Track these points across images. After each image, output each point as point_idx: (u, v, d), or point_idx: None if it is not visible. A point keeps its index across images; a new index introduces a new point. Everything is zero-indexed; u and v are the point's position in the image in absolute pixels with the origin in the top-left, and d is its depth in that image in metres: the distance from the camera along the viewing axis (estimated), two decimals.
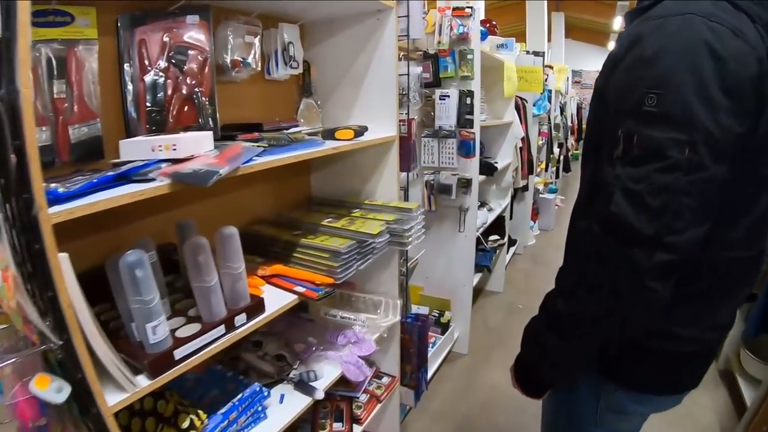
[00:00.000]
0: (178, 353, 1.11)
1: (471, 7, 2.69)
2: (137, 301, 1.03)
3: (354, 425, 2.07)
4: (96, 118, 1.24)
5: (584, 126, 11.51)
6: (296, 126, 1.66)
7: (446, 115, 2.78)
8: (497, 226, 3.97)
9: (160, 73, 1.36)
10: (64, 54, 1.15)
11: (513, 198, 4.37)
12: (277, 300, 1.46)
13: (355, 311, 2.01)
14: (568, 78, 7.60)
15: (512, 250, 4.78)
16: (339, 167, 2.09)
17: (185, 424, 1.28)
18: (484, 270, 3.74)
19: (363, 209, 1.91)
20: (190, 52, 1.38)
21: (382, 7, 1.78)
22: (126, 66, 1.34)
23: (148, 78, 1.35)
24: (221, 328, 1.24)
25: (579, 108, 10.56)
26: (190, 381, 1.60)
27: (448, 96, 2.77)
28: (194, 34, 1.40)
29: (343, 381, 1.80)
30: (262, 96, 1.88)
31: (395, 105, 1.87)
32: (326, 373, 1.76)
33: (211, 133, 1.24)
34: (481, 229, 3.50)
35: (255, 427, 1.52)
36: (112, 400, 0.98)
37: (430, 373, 3.02)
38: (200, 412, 1.34)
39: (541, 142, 5.34)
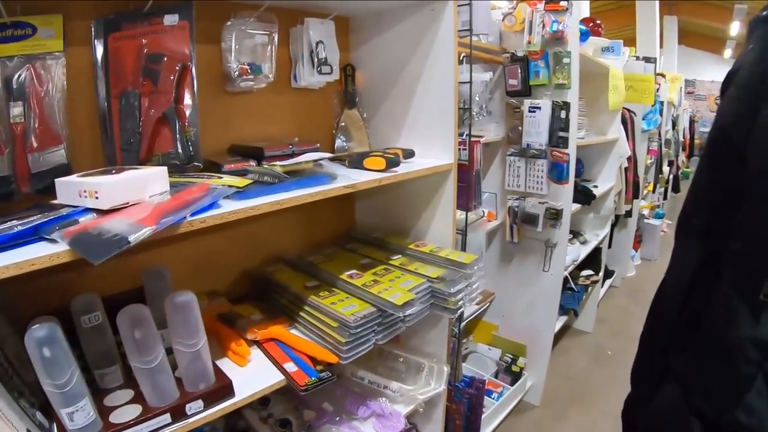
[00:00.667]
0: None
1: (567, 0, 2.18)
2: (48, 384, 0.83)
3: None
4: (60, 143, 1.05)
5: (697, 141, 10.46)
6: (315, 149, 1.28)
7: (536, 130, 2.30)
8: (592, 258, 3.40)
9: (133, 88, 1.11)
10: (23, 71, 0.99)
11: (613, 225, 3.77)
12: (257, 377, 1.14)
13: (389, 372, 1.62)
14: (681, 88, 6.70)
15: (608, 282, 4.15)
16: (387, 197, 1.70)
17: None
18: (570, 312, 3.20)
19: (406, 256, 1.53)
20: (165, 60, 1.10)
21: None
22: (100, 80, 1.12)
23: (121, 94, 1.11)
24: (166, 417, 0.97)
25: (692, 121, 9.48)
26: None
27: (539, 108, 2.29)
28: (172, 38, 1.12)
29: None
30: (290, 108, 1.55)
31: (453, 122, 1.45)
32: None
33: (161, 169, 0.95)
34: (571, 267, 2.99)
35: None
36: None
37: (492, 427, 2.58)
38: None
39: (649, 161, 4.64)
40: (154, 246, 1.27)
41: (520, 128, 2.35)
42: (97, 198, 0.85)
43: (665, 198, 6.99)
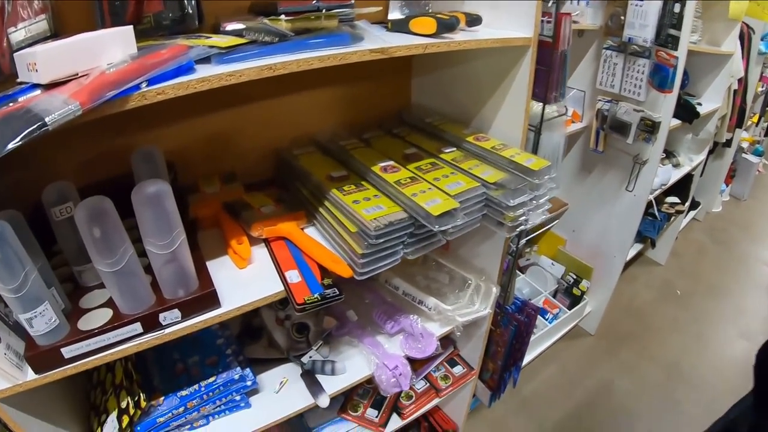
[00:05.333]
0: (69, 351, 0.74)
1: None
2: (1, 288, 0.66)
3: (393, 416, 1.50)
4: (43, 12, 0.79)
5: None
6: (347, 5, 0.90)
7: (641, 23, 1.77)
8: (681, 184, 2.85)
9: None
10: None
11: (710, 153, 3.16)
12: (253, 285, 0.88)
13: (428, 283, 1.35)
14: None
15: (691, 214, 3.58)
16: (448, 75, 1.31)
17: (124, 403, 0.94)
18: (646, 241, 2.75)
19: (462, 150, 1.17)
20: None
21: None
22: None
23: None
24: (136, 327, 0.77)
25: None
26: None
27: None
28: None
29: None
30: None
31: None
32: (350, 368, 1.20)
33: (122, 30, 0.68)
34: (658, 192, 2.52)
35: (229, 415, 1.09)
36: None
37: (540, 349, 2.33)
38: (142, 396, 0.96)
39: (760, 89, 3.83)
40: (154, 123, 1.02)
41: (622, 18, 1.82)
42: (36, 70, 0.61)
43: (767, 135, 6.02)
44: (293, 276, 0.87)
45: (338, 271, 0.87)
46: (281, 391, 1.15)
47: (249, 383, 1.06)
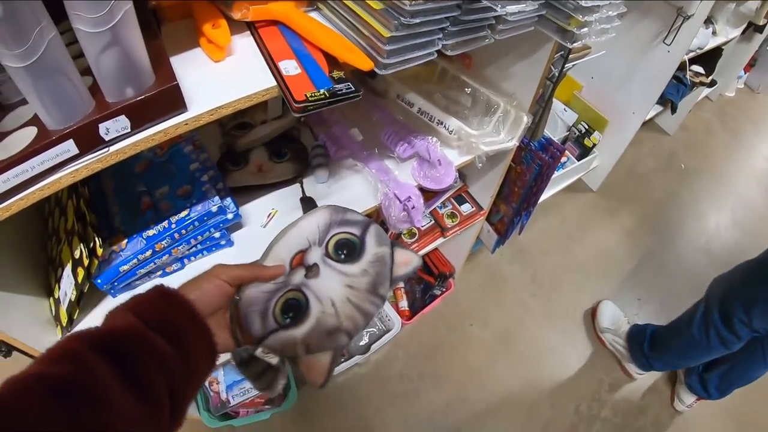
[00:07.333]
0: None
1: None
2: None
3: None
4: None
5: None
6: None
7: None
8: (707, 57, 2.42)
9: None
10: None
11: (742, 33, 2.69)
12: (234, 81, 0.60)
13: (447, 104, 1.09)
14: None
15: (706, 92, 3.18)
16: None
17: (77, 253, 0.70)
18: (667, 105, 2.42)
19: None
20: None
21: None
22: None
23: None
24: (68, 146, 0.51)
25: None
26: (141, 162, 0.91)
27: None
28: None
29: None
30: None
31: None
32: (352, 198, 0.98)
33: None
34: (692, 54, 2.15)
35: (207, 255, 0.88)
36: None
37: (542, 197, 2.10)
38: (97, 241, 0.71)
39: None
40: None
41: None
42: None
43: None
44: (290, 67, 0.60)
45: (353, 61, 0.61)
46: (269, 224, 0.93)
47: (230, 216, 0.84)
